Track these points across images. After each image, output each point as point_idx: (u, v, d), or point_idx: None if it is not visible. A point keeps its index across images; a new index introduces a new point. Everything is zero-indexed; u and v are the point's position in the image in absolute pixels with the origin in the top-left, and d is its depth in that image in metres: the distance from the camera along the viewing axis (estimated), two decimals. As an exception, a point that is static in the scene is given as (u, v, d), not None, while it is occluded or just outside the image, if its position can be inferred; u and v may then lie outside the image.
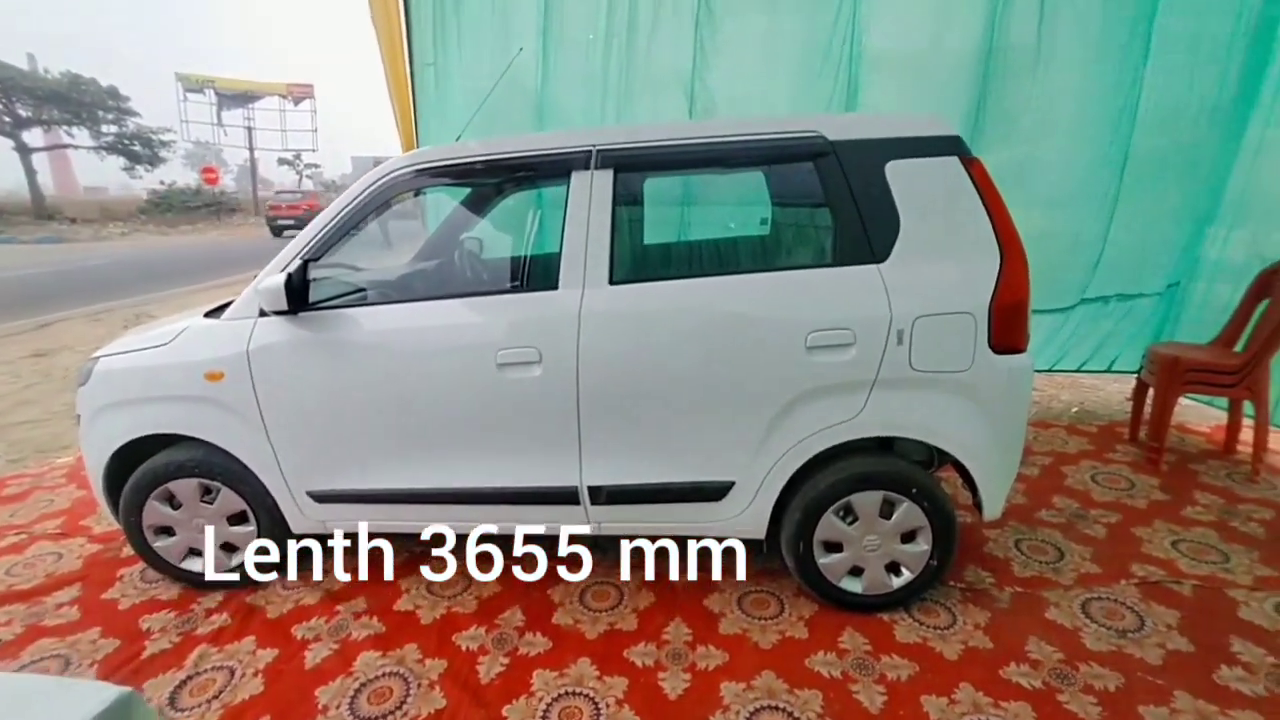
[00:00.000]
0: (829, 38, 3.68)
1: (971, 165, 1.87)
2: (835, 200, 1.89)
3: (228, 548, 2.27)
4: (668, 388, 1.93)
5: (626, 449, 2.00)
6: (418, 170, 2.02)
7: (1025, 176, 3.59)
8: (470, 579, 2.34)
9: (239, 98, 32.46)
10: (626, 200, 2.03)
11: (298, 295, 1.96)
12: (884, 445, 2.05)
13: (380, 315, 2.05)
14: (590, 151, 1.95)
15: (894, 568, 2.05)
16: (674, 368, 1.92)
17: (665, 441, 1.99)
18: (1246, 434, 3.05)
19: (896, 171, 1.86)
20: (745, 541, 2.17)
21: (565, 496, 2.05)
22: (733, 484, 2.00)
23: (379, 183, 2.02)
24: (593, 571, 2.37)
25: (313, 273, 2.02)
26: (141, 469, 2.16)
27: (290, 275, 1.93)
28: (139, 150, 30.82)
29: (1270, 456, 3.01)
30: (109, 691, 0.91)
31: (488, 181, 2.22)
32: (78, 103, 28.62)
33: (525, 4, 3.72)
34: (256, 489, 2.16)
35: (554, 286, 1.95)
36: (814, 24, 3.66)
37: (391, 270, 2.72)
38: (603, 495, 2.04)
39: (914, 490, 1.95)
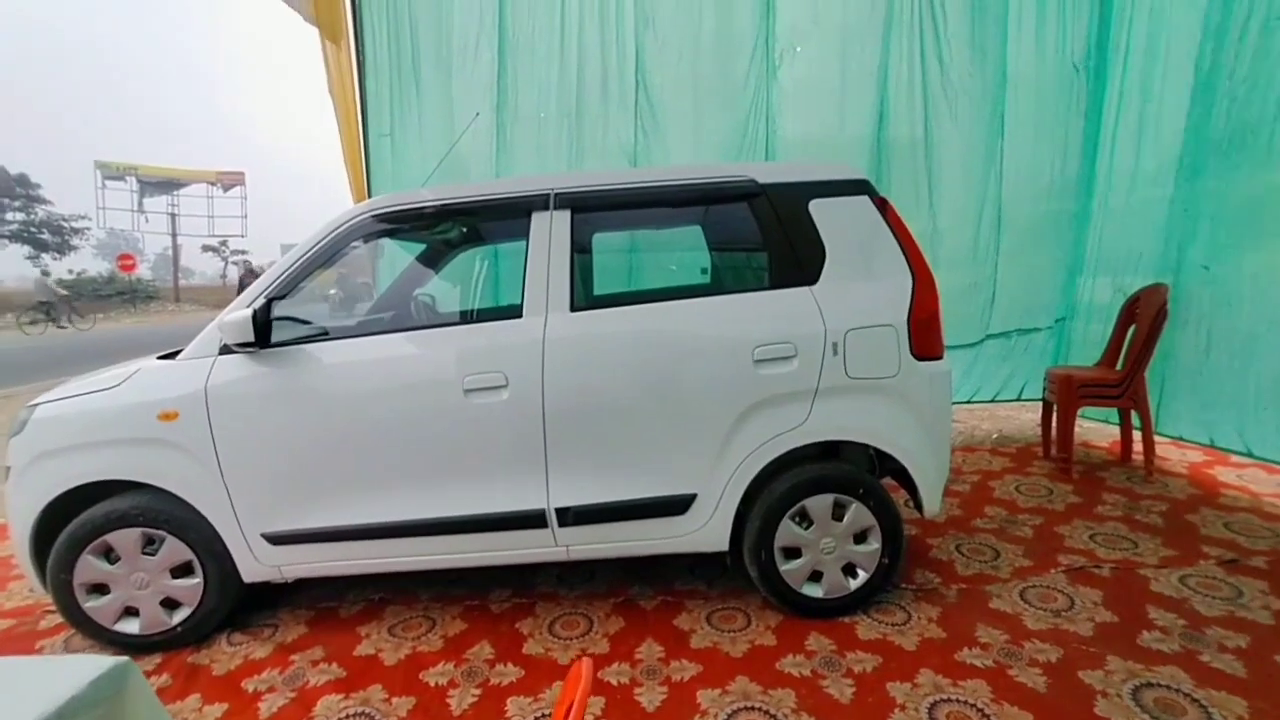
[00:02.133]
0: (748, 121, 4.18)
1: (882, 204, 2.19)
2: (769, 233, 2.14)
3: (168, 604, 2.13)
4: (629, 405, 2.06)
5: (592, 468, 2.09)
6: (384, 213, 2.15)
7: (924, 241, 4.14)
8: (433, 620, 2.28)
9: (163, 184, 31.72)
10: (583, 236, 2.22)
11: (263, 332, 2.00)
12: (830, 453, 2.23)
13: (343, 349, 2.10)
14: (549, 194, 2.15)
15: (850, 570, 2.18)
16: (634, 386, 2.05)
17: (629, 458, 2.09)
18: (1141, 446, 3.44)
19: (818, 208, 2.15)
20: (710, 558, 2.24)
21: (533, 520, 2.09)
22: (695, 496, 2.10)
23: (344, 225, 2.14)
24: (560, 604, 2.36)
25: (275, 313, 2.07)
26: (78, 520, 2.04)
27: (255, 311, 1.97)
28: (46, 239, 29.31)
29: (1158, 460, 3.40)
30: (104, 661, 0.91)
31: (455, 224, 2.37)
32: (-18, 190, 27.23)
33: (481, 82, 4.05)
34: (205, 535, 2.07)
35: (519, 314, 2.08)
36: (735, 112, 4.16)
37: (349, 318, 2.77)
38: (570, 516, 2.09)
39: (860, 490, 2.11)
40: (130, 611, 2.12)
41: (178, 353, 2.17)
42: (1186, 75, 3.48)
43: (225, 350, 2.03)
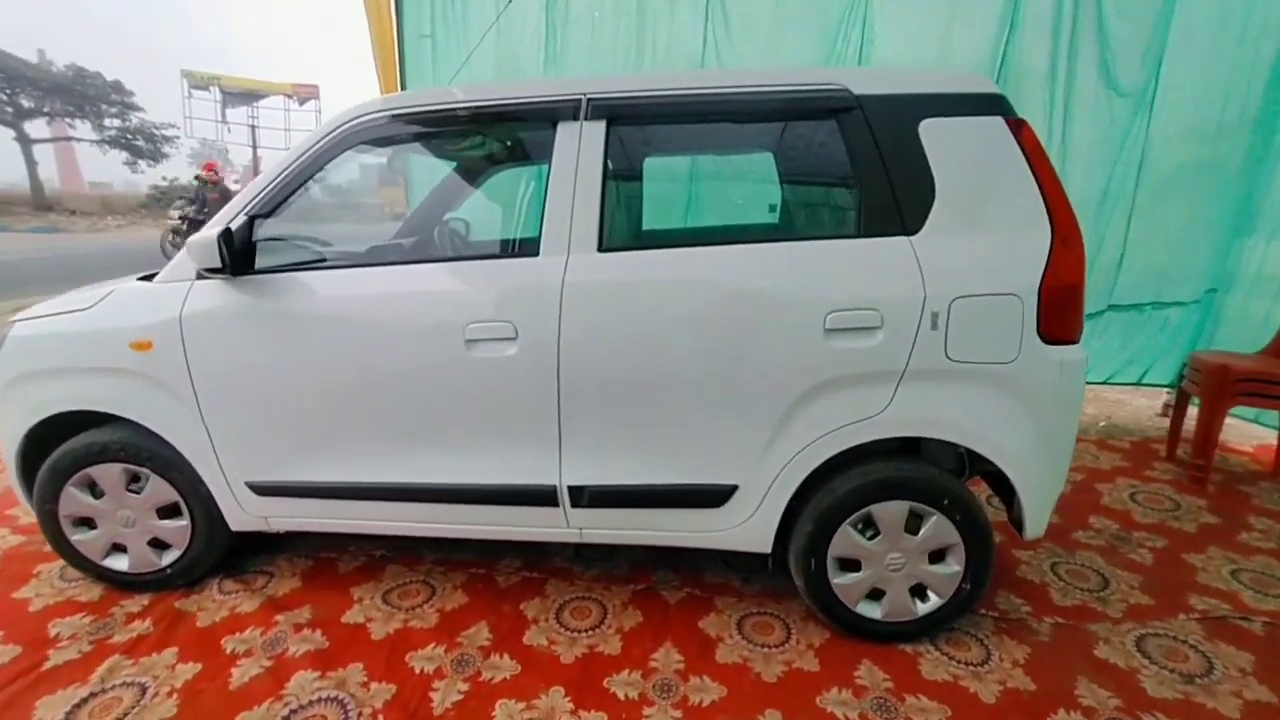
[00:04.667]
0: (839, 31, 3.45)
1: (1018, 128, 1.62)
2: (861, 162, 1.63)
3: (157, 544, 1.99)
4: (662, 373, 1.67)
5: (613, 444, 1.74)
6: (379, 118, 1.77)
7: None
8: (432, 588, 2.06)
9: (244, 96, 32.36)
10: (620, 157, 1.78)
11: (242, 255, 1.71)
12: (909, 448, 1.79)
13: (333, 281, 1.79)
14: (579, 100, 1.70)
15: (919, 591, 1.78)
16: (671, 349, 1.65)
17: (658, 436, 1.72)
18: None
19: (932, 131, 1.61)
20: (747, 555, 1.89)
21: (542, 497, 1.78)
22: (735, 488, 1.73)
23: (341, 128, 1.77)
24: (573, 583, 2.09)
25: (261, 232, 1.78)
26: (59, 451, 1.89)
27: (230, 231, 1.67)
28: (141, 145, 30.71)
29: (1326, 479, 2.75)
30: None
31: (465, 135, 1.96)
32: (81, 95, 28.56)
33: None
34: (190, 477, 1.89)
35: (535, 253, 1.69)
36: (824, 19, 3.43)
37: (357, 240, 2.46)
38: (585, 497, 1.77)
39: (946, 502, 1.68)
40: (119, 548, 1.99)
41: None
42: None
43: (203, 274, 1.76)
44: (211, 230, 1.63)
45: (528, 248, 1.71)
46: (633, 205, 2.23)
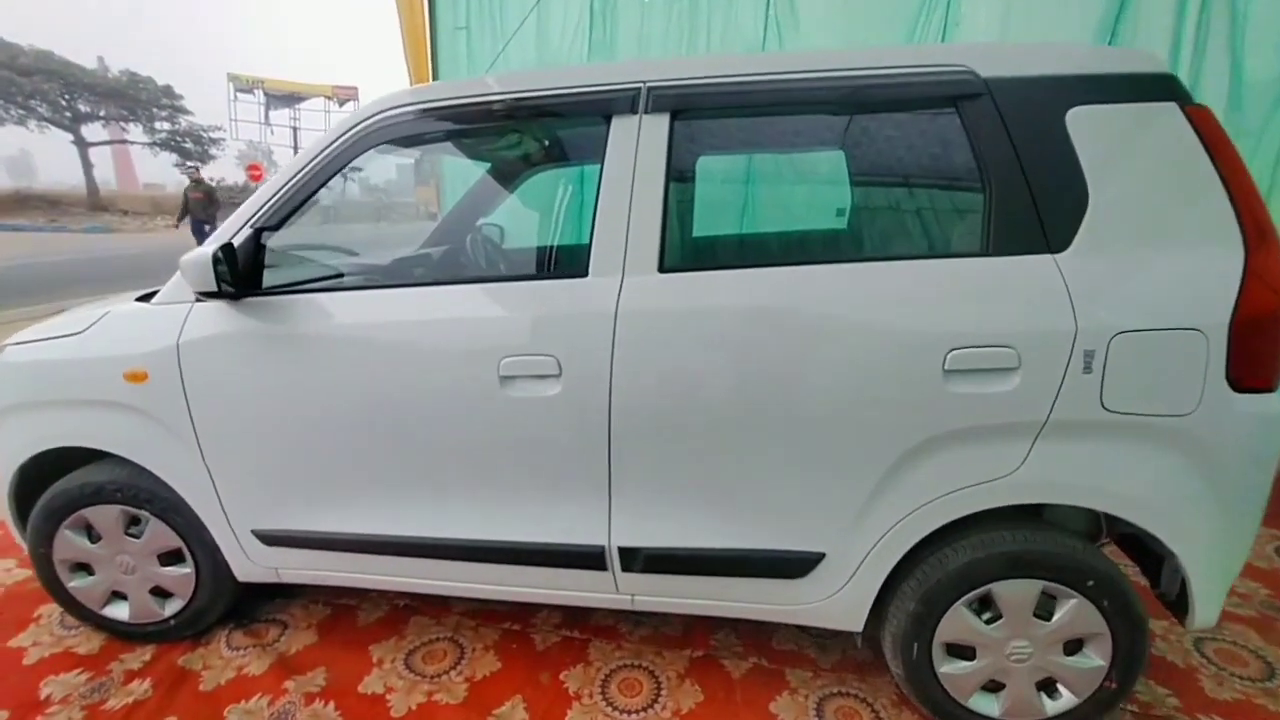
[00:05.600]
0: (918, 15, 3.06)
1: (1198, 116, 1.27)
2: (990, 161, 1.30)
3: (159, 592, 1.78)
4: (736, 420, 1.37)
5: (674, 501, 1.45)
6: (412, 110, 1.51)
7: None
8: (461, 649, 1.81)
9: (286, 98, 33.07)
10: (687, 158, 1.49)
11: (247, 274, 1.48)
12: (1030, 509, 1.46)
13: (350, 304, 1.55)
14: (639, 89, 1.41)
15: (1048, 685, 1.45)
16: (747, 392, 1.36)
17: (728, 494, 1.43)
18: None
19: (1083, 122, 1.27)
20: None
21: (588, 559, 1.51)
22: (822, 556, 1.43)
23: (359, 127, 1.52)
24: (620, 646, 1.82)
25: (270, 247, 1.55)
26: (51, 491, 1.70)
27: (230, 247, 1.44)
28: (190, 147, 31.69)
29: None
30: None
31: (498, 130, 1.68)
32: (134, 100, 29.62)
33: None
34: (192, 522, 1.67)
35: (583, 273, 1.41)
36: (900, 6, 3.05)
37: (381, 254, 2.23)
38: (638, 561, 1.49)
39: (1091, 584, 1.34)
40: (119, 595, 1.80)
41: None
42: None
43: (201, 296, 1.53)
44: (208, 246, 1.40)
45: (574, 266, 1.43)
46: (691, 216, 1.93)
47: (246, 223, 1.53)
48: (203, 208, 9.12)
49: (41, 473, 1.73)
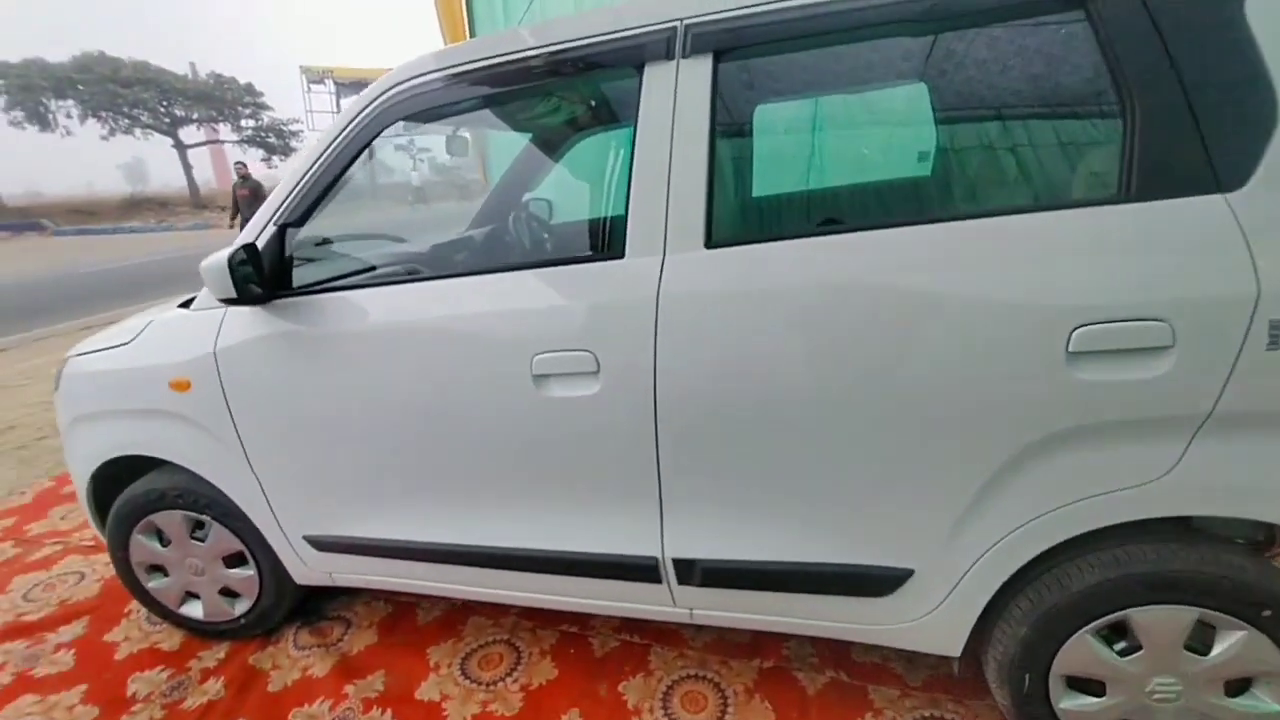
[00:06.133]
0: None
1: None
2: (1134, 73, 1.00)
3: (228, 593, 1.82)
4: (804, 417, 1.17)
5: (734, 509, 1.28)
6: (421, 83, 1.36)
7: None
8: (519, 651, 1.74)
9: (354, 85, 34.04)
10: (736, 107, 1.26)
11: (275, 274, 1.42)
12: (1178, 519, 1.17)
13: (382, 300, 1.44)
14: (674, 29, 1.19)
15: (1201, 728, 1.19)
16: (816, 384, 1.15)
17: (794, 501, 1.24)
18: None
19: (1273, 9, 0.94)
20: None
21: (640, 571, 1.37)
22: (910, 573, 1.22)
23: (374, 104, 1.39)
24: (684, 654, 1.69)
25: (298, 242, 1.47)
26: (121, 498, 1.74)
27: (252, 250, 1.36)
28: (273, 141, 33.55)
29: None
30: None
31: (513, 94, 1.48)
32: (221, 100, 31.54)
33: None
34: (250, 526, 1.67)
35: (619, 254, 1.23)
36: None
37: (425, 240, 2.12)
38: (696, 573, 1.33)
39: (1269, 613, 1.06)
40: (194, 595, 1.85)
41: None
42: None
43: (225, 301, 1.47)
44: (220, 253, 1.32)
45: (609, 245, 1.25)
46: (744, 179, 1.68)
47: (270, 220, 1.45)
48: (249, 205, 8.94)
49: (119, 478, 1.78)
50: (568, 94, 1.84)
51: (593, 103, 2.00)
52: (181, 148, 30.97)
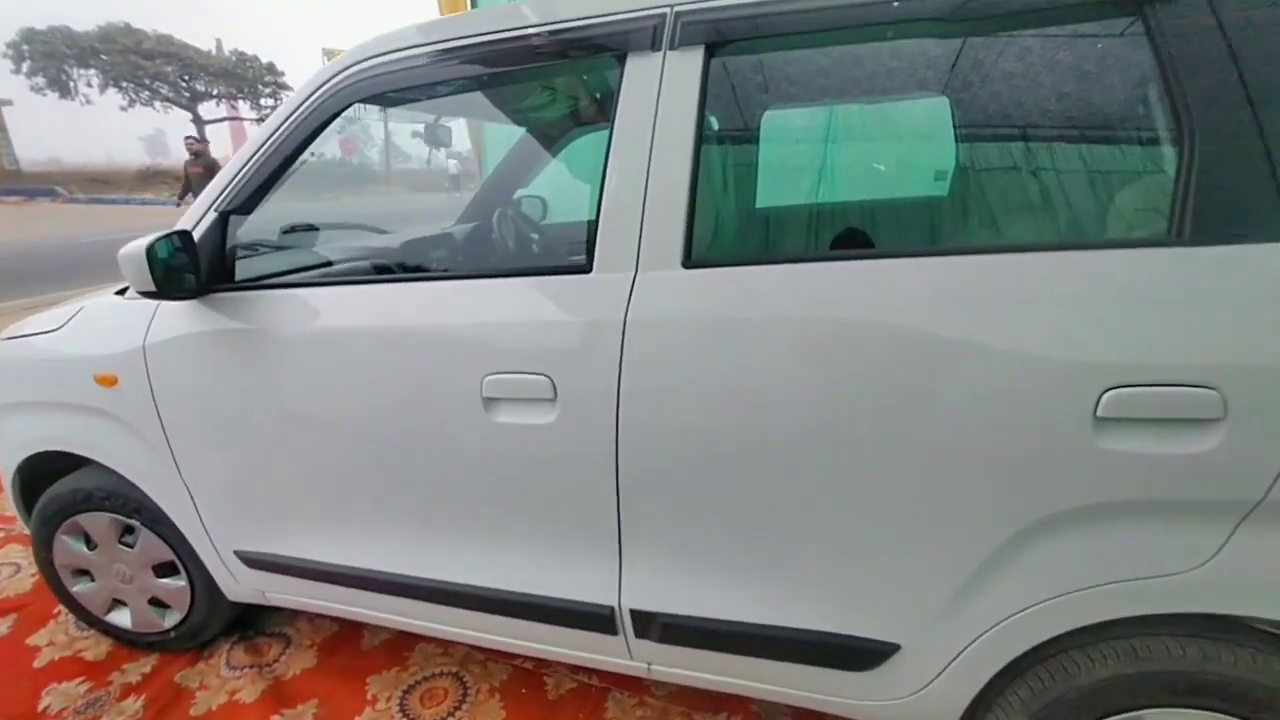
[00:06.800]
0: None
1: None
2: (1194, 94, 0.84)
3: (158, 603, 1.68)
4: (784, 464, 1.02)
5: (699, 560, 1.13)
6: (377, 66, 1.22)
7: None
8: (465, 686, 1.60)
9: (375, 69, 34.33)
10: (724, 110, 1.11)
11: (214, 267, 1.28)
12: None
13: (332, 302, 1.30)
14: (663, 16, 1.04)
15: None
16: (799, 428, 1.00)
17: (770, 558, 1.09)
18: None
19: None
20: None
21: (594, 620, 1.22)
22: (896, 648, 1.07)
23: (329, 84, 1.25)
24: (644, 703, 1.55)
25: (241, 231, 1.33)
26: (45, 496, 1.61)
27: (186, 238, 1.22)
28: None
29: None
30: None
31: (488, 80, 1.34)
32: (242, 78, 31.59)
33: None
34: (179, 536, 1.54)
35: (585, 268, 1.09)
36: None
37: (402, 236, 1.98)
38: (655, 628, 1.19)
39: (1310, 730, 0.91)
40: (121, 603, 1.71)
41: None
42: None
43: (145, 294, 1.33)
44: (139, 241, 1.18)
45: (573, 259, 1.11)
46: (729, 190, 1.53)
47: (210, 206, 1.31)
48: (202, 183, 8.68)
49: (54, 471, 1.65)
50: (556, 84, 1.69)
51: (590, 95, 1.86)
52: (200, 122, 31.01)
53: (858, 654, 1.09)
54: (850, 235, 1.79)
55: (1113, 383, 0.84)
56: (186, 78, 30.48)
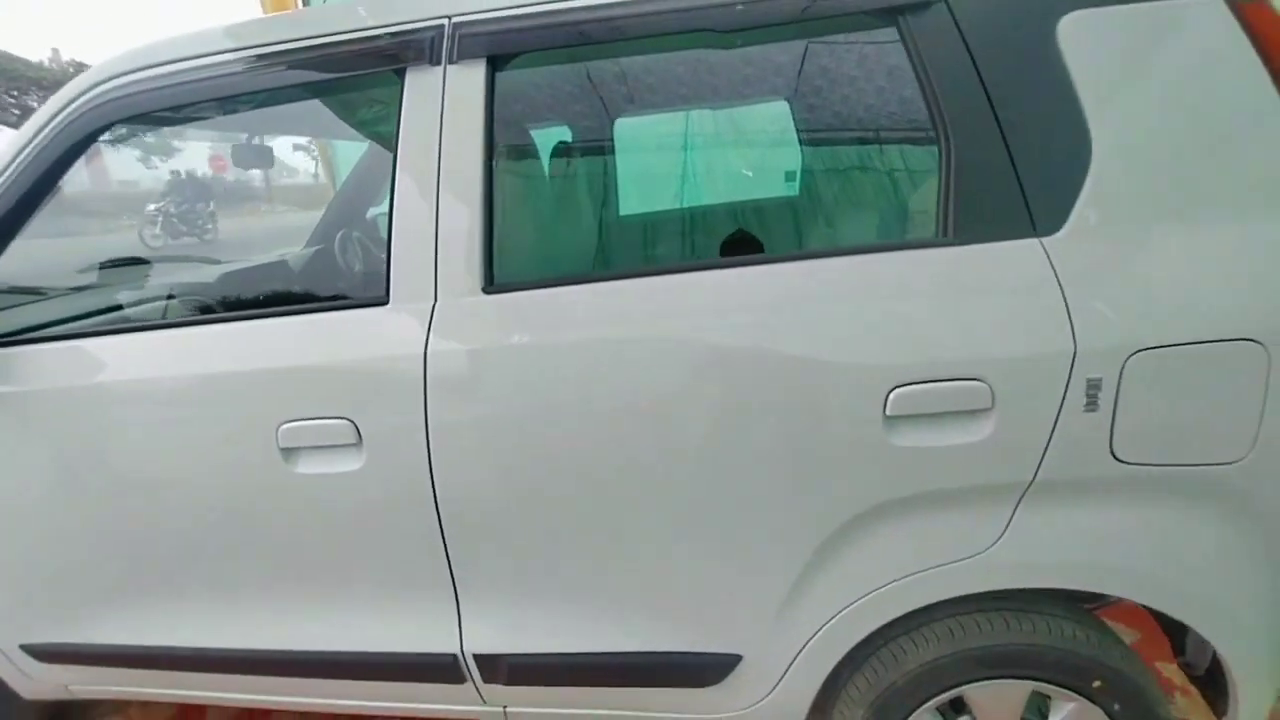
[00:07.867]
0: None
1: (1255, 15, 0.85)
2: (946, 100, 0.88)
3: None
4: (600, 485, 0.99)
5: (538, 597, 1.08)
6: (131, 86, 1.07)
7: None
8: (327, 757, 1.47)
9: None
10: (513, 121, 1.06)
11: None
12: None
13: (104, 352, 1.13)
14: (440, 29, 0.98)
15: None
16: (614, 454, 0.97)
17: (607, 586, 1.06)
18: None
19: (1085, 32, 0.86)
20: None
21: (439, 670, 1.14)
22: (738, 659, 1.06)
23: (77, 103, 1.09)
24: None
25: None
26: None
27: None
28: (150, 140, 30.50)
29: None
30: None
31: (270, 95, 1.21)
32: (86, 90, 28.30)
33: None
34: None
35: (382, 299, 1.00)
36: None
37: (224, 268, 1.79)
38: (502, 670, 1.12)
39: (1098, 683, 0.98)
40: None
41: None
42: None
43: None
44: None
45: (375, 288, 1.02)
46: (523, 207, 1.46)
47: (-60, 249, 1.11)
48: None
49: None
50: (381, 95, 1.58)
51: (355, 113, 1.73)
52: (37, 141, 27.47)
53: (702, 669, 1.08)
54: (683, 241, 1.80)
55: (897, 381, 0.87)
56: (14, 93, 26.91)
